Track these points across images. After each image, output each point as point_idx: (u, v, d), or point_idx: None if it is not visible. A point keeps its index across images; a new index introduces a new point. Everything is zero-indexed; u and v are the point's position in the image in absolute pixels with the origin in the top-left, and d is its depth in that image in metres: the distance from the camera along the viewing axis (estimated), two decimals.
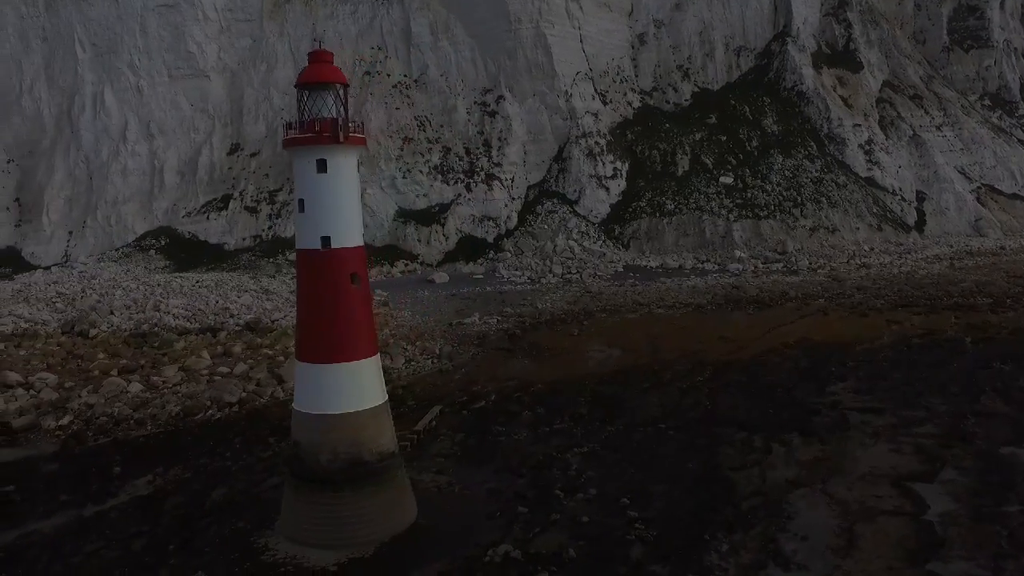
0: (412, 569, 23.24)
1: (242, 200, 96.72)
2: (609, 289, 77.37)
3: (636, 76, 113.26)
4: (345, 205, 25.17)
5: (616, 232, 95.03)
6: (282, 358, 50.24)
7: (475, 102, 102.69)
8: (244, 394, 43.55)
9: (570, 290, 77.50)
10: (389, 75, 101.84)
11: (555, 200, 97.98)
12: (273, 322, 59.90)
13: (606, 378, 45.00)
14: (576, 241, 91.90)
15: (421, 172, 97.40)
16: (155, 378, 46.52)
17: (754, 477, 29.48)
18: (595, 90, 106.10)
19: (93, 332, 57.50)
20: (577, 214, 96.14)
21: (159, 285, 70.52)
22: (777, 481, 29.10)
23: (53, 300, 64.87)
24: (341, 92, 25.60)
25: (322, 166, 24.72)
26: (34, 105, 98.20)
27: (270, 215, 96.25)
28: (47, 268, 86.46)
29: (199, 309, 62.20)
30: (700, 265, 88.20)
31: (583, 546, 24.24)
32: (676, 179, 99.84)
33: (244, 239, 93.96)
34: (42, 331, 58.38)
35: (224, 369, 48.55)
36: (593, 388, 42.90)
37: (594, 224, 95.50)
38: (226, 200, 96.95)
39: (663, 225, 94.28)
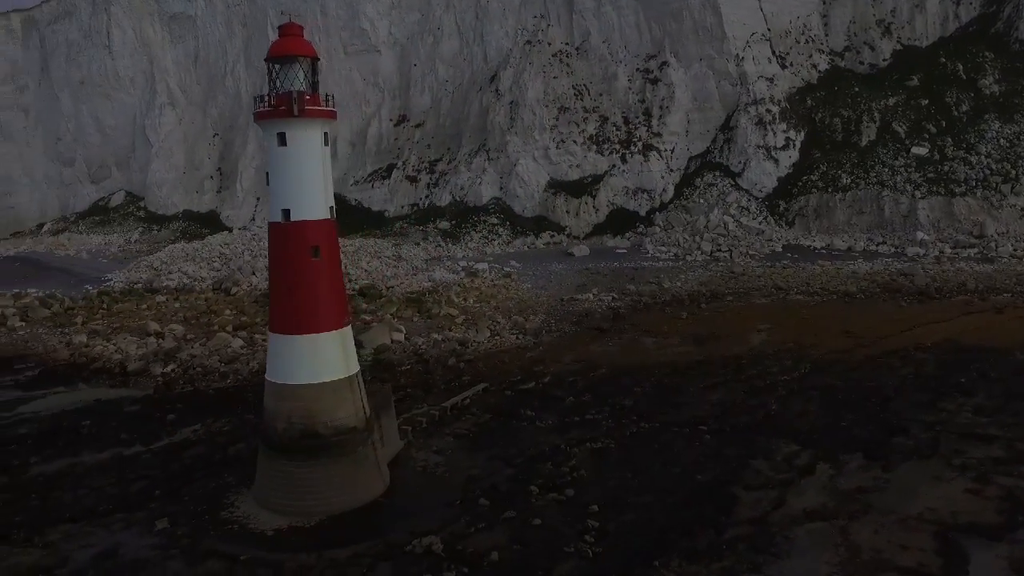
0: (334, 545, 22.80)
1: (404, 170, 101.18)
2: (755, 270, 70.87)
3: (826, 35, 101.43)
4: (306, 178, 24.84)
5: (781, 208, 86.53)
6: (376, 324, 51.99)
7: (637, 69, 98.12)
8: None
9: (711, 270, 72.08)
10: (550, 43, 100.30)
11: (717, 172, 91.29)
12: (388, 288, 62.16)
13: (680, 368, 41.15)
14: (732, 217, 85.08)
15: (575, 142, 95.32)
16: (257, 336, 50.33)
17: (766, 501, 25.19)
18: (772, 52, 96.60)
19: (234, 290, 63.49)
20: (739, 187, 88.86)
21: None
22: (792, 509, 24.61)
23: (214, 260, 72.69)
24: (308, 65, 25.11)
25: (282, 139, 24.59)
26: (235, 85, 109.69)
27: (428, 184, 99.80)
28: (230, 230, 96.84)
29: None
30: (873, 247, 77.79)
31: (515, 551, 22.24)
32: (858, 150, 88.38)
33: (402, 207, 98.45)
34: (197, 287, 65.64)
35: None
36: (658, 378, 39.42)
37: (757, 199, 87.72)
38: (390, 169, 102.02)
39: (835, 201, 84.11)
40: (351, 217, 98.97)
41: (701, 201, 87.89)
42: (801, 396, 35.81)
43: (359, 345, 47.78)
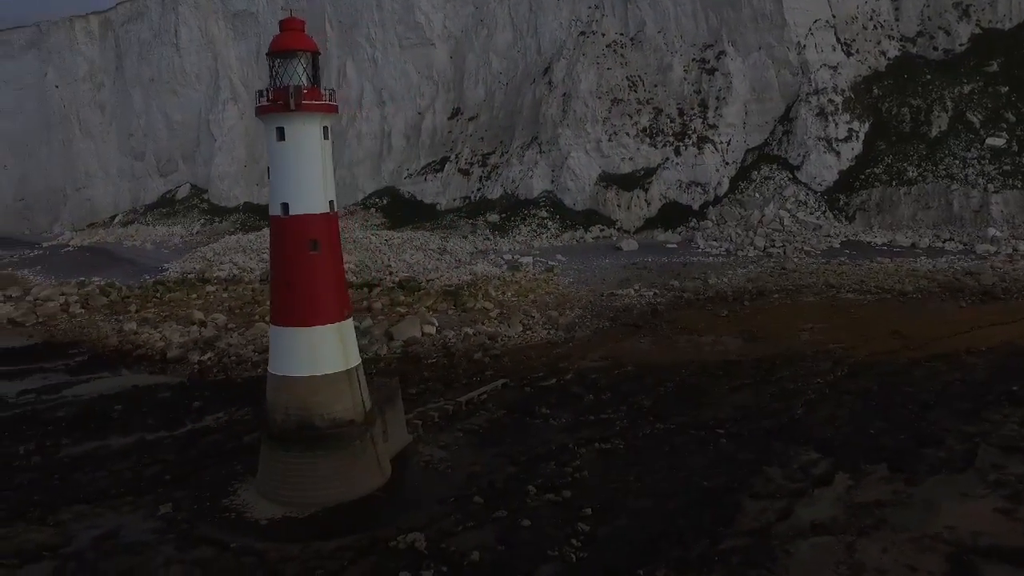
0: (321, 537, 22.94)
1: (457, 163, 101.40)
2: (808, 267, 68.12)
3: (897, 20, 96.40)
4: (305, 172, 24.94)
5: (840, 202, 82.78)
6: (409, 317, 52.16)
7: (693, 59, 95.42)
8: None
9: (762, 266, 69.63)
10: (604, 34, 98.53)
11: (774, 165, 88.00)
12: (428, 281, 62.34)
13: (709, 367, 39.76)
14: (788, 211, 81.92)
15: (628, 135, 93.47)
16: None
17: (771, 511, 23.94)
18: (837, 39, 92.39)
19: None
20: (797, 181, 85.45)
21: (353, 241, 77.17)
22: (799, 521, 23.31)
23: (263, 251, 74.39)
24: (308, 60, 25.15)
25: (281, 134, 24.73)
26: None
27: (480, 177, 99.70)
28: None
29: (366, 265, 67.00)
30: (939, 244, 73.59)
31: (499, 551, 21.81)
32: (927, 141, 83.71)
33: (455, 200, 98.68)
34: (246, 278, 67.40)
35: (354, 323, 51.87)
36: (684, 377, 38.21)
37: (815, 193, 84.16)
38: (443, 162, 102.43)
39: (899, 195, 79.92)
40: (404, 210, 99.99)
41: (757, 195, 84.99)
42: (832, 400, 34.07)
43: (390, 337, 48.36)
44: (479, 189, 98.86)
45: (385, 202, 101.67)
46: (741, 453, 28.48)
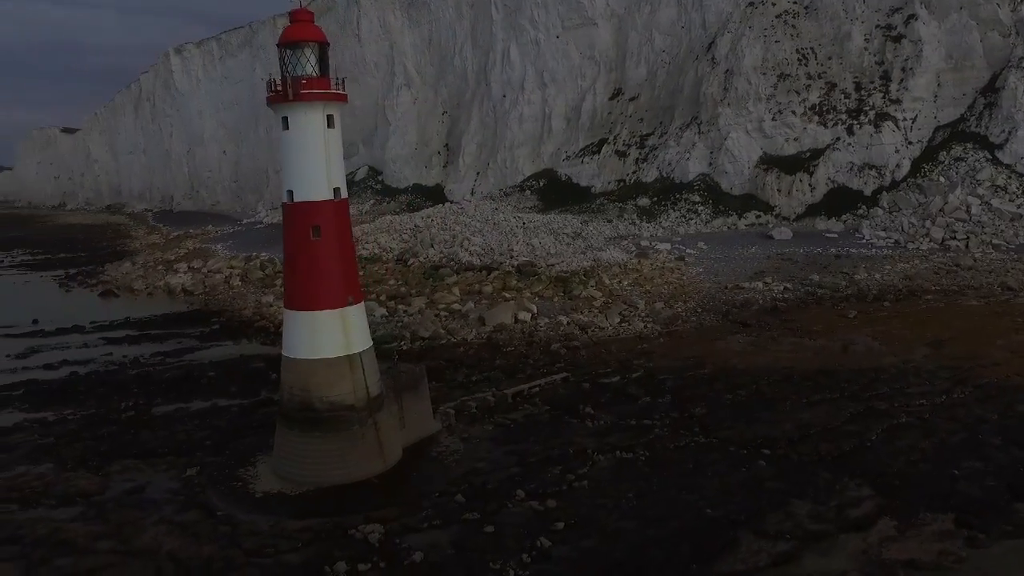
0: (295, 516, 23.70)
1: (614, 144, 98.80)
2: (990, 264, 58.63)
3: None
4: (308, 160, 25.41)
5: None
6: (509, 302, 51.80)
7: (876, 25, 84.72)
8: (440, 331, 46.85)
9: (931, 261, 60.95)
10: (775, 4, 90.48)
11: (969, 144, 76.18)
12: (548, 266, 61.39)
13: (796, 376, 35.36)
14: (980, 197, 70.54)
15: (794, 113, 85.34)
16: (401, 307, 53.03)
17: (769, 553, 20.64)
18: None
19: (411, 261, 67.38)
20: (997, 162, 73.38)
21: (493, 224, 78.01)
22: (796, 571, 19.92)
23: (404, 232, 77.64)
24: (316, 50, 25.47)
25: (286, 123, 25.39)
26: (462, 64, 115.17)
27: (637, 159, 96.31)
28: (448, 203, 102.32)
29: (490, 247, 67.40)
30: None
31: (445, 555, 21.01)
32: None
33: (609, 182, 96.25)
34: (384, 257, 70.76)
35: (457, 306, 52.51)
36: (761, 386, 34.31)
37: (1020, 176, 71.83)
38: (601, 144, 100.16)
39: None
40: (559, 193, 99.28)
41: (941, 179, 74.11)
42: (923, 428, 28.91)
43: (482, 322, 48.46)
44: (634, 172, 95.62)
45: (542, 184, 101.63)
46: (775, 480, 25.07)
